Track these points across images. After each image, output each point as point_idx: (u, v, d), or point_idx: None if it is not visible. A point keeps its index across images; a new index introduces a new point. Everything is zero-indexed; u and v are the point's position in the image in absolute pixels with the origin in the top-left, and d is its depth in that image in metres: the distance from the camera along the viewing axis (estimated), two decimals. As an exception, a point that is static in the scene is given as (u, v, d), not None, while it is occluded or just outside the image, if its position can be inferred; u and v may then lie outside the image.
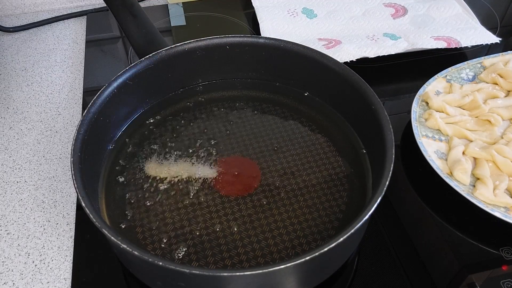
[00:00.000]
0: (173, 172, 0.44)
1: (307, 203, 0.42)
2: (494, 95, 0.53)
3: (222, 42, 0.50)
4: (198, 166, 0.45)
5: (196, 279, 0.33)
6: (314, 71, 0.49)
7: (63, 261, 0.43)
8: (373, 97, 0.43)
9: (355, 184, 0.43)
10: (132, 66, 0.46)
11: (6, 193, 0.48)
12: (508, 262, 0.41)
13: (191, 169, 0.45)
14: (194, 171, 0.45)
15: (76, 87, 0.61)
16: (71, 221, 0.45)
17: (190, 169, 0.45)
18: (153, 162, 0.45)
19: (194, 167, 0.45)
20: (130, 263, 0.39)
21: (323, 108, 0.50)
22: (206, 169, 0.45)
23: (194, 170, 0.45)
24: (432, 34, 0.62)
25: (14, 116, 0.57)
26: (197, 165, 0.45)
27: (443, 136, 0.49)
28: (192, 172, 0.44)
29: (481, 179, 0.45)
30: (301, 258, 0.31)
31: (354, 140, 0.47)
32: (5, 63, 0.65)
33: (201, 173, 0.45)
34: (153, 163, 0.45)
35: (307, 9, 0.70)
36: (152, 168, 0.44)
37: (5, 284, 0.41)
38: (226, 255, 0.38)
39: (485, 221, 0.43)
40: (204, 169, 0.45)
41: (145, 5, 0.76)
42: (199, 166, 0.45)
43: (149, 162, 0.45)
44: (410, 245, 0.43)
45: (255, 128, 0.49)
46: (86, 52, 0.66)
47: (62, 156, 0.52)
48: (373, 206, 0.34)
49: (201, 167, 0.45)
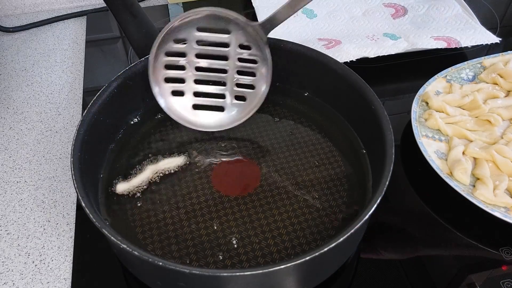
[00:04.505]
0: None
1: (307, 203, 0.42)
2: (494, 95, 0.53)
3: (222, 42, 0.50)
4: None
5: (196, 279, 0.33)
6: (314, 71, 0.49)
7: (63, 261, 0.43)
8: (373, 97, 0.43)
9: (355, 184, 0.43)
10: (132, 66, 0.46)
11: (6, 193, 0.48)
12: (508, 262, 0.41)
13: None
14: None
15: (76, 87, 0.61)
16: (71, 221, 0.45)
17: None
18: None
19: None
20: (130, 263, 0.39)
21: (323, 108, 0.50)
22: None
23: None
24: (432, 34, 0.62)
25: (14, 116, 0.57)
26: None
27: (443, 136, 0.49)
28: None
29: (481, 179, 0.45)
30: (301, 258, 0.31)
31: (354, 140, 0.47)
32: (5, 63, 0.65)
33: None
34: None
35: (307, 9, 0.70)
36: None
37: (5, 284, 0.41)
38: (226, 255, 0.38)
39: (485, 221, 0.43)
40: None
41: (145, 5, 0.76)
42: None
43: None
44: (410, 244, 0.43)
45: (255, 128, 0.49)
46: (86, 52, 0.66)
47: (62, 156, 0.52)
48: (373, 206, 0.34)
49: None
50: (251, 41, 0.43)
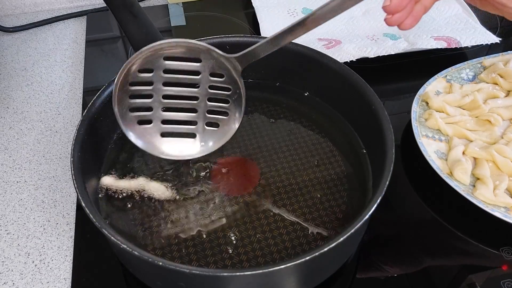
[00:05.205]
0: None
1: (307, 203, 0.42)
2: (494, 95, 0.53)
3: (222, 42, 0.50)
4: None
5: (196, 279, 0.33)
6: (314, 71, 0.49)
7: (63, 261, 0.43)
8: (373, 97, 0.43)
9: (355, 184, 0.43)
10: (132, 66, 0.46)
11: (6, 193, 0.48)
12: (508, 262, 0.41)
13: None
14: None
15: (76, 87, 0.61)
16: (71, 221, 0.45)
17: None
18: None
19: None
20: (130, 263, 0.39)
21: (323, 108, 0.50)
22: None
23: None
24: (432, 34, 0.62)
25: (14, 116, 0.57)
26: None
27: (443, 136, 0.49)
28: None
29: (481, 179, 0.45)
30: (301, 258, 0.31)
31: (354, 140, 0.47)
32: (5, 63, 0.65)
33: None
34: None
35: (307, 9, 0.70)
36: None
37: (5, 284, 0.41)
38: (226, 255, 0.38)
39: (485, 221, 0.43)
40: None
41: (145, 5, 0.76)
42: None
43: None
44: (410, 244, 0.43)
45: (255, 128, 0.49)
46: (86, 52, 0.66)
47: (62, 156, 0.52)
48: (373, 206, 0.34)
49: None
50: (224, 71, 0.40)
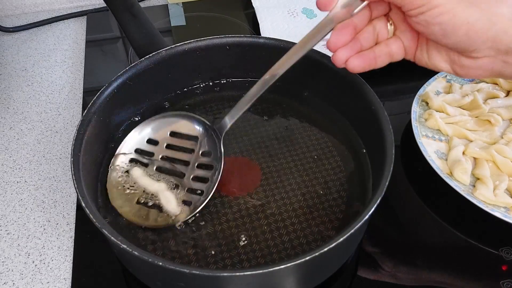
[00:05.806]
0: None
1: (307, 203, 0.42)
2: (494, 95, 0.53)
3: (222, 42, 0.50)
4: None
5: (196, 279, 0.33)
6: (314, 71, 0.49)
7: (63, 261, 0.43)
8: (373, 97, 0.43)
9: (355, 184, 0.43)
10: (132, 66, 0.46)
11: (6, 193, 0.48)
12: (508, 262, 0.41)
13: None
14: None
15: (76, 87, 0.61)
16: (71, 221, 0.45)
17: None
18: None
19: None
20: (130, 263, 0.39)
21: (323, 108, 0.50)
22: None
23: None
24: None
25: (14, 116, 0.57)
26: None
27: (443, 136, 0.49)
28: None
29: (481, 179, 0.45)
30: (301, 258, 0.31)
31: (354, 140, 0.47)
32: (5, 63, 0.65)
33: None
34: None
35: (307, 9, 0.70)
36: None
37: (5, 284, 0.41)
38: (226, 255, 0.38)
39: (485, 221, 0.43)
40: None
41: (145, 5, 0.76)
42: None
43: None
44: (410, 245, 0.43)
45: (255, 128, 0.49)
46: (86, 52, 0.66)
47: (62, 156, 0.52)
48: (373, 206, 0.34)
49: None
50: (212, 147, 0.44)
